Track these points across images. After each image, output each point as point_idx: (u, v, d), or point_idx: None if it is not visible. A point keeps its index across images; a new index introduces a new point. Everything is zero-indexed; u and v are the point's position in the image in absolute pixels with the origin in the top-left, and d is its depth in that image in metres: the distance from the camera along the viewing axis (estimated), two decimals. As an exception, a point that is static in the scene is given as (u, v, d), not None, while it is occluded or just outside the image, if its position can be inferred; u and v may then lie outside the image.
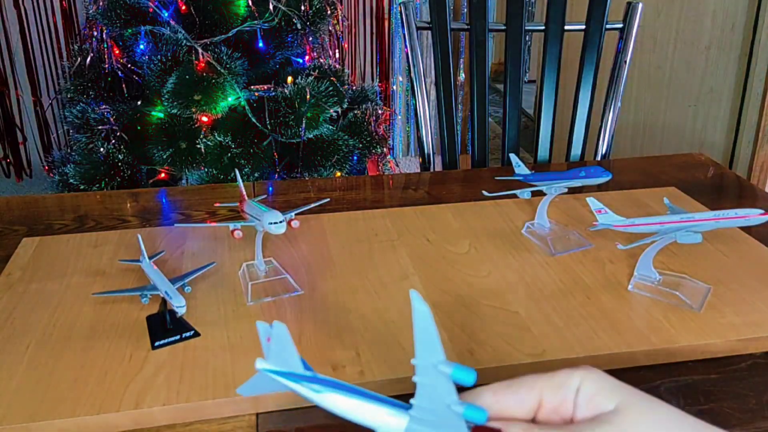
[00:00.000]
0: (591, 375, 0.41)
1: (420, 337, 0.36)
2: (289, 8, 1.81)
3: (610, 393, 0.40)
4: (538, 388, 0.41)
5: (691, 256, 0.82)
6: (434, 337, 0.36)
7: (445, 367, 0.36)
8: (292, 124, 1.74)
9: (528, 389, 0.41)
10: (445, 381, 0.37)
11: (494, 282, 0.78)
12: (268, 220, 0.73)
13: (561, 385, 0.41)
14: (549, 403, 0.41)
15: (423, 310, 0.36)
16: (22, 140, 2.85)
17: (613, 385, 0.40)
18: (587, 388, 0.40)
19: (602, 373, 0.41)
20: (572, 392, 0.40)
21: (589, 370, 0.41)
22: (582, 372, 0.41)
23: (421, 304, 0.36)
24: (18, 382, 0.61)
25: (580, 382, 0.40)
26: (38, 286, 0.77)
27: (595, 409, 0.40)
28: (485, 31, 1.30)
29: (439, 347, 0.36)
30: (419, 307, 0.36)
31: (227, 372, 0.62)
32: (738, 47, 2.10)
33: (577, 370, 0.41)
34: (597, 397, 0.40)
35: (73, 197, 1.06)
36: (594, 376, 0.41)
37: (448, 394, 0.37)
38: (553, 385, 0.41)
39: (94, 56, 1.83)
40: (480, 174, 1.17)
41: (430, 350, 0.36)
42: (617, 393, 0.40)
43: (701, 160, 1.20)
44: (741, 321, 0.70)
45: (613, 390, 0.40)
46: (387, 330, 0.68)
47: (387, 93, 3.03)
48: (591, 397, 0.40)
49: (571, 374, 0.41)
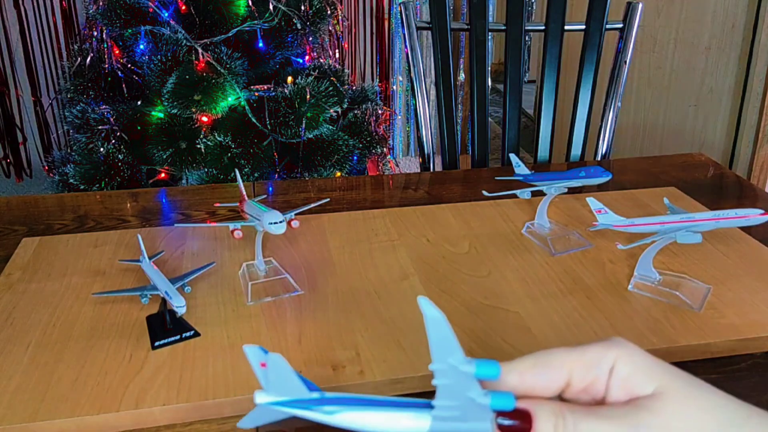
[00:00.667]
0: (626, 352, 0.37)
1: (435, 342, 0.35)
2: (289, 8, 1.81)
3: (648, 374, 0.36)
4: (568, 367, 0.37)
5: (691, 256, 0.82)
6: (451, 339, 0.35)
7: (468, 367, 0.35)
8: (292, 124, 1.74)
9: (557, 369, 0.38)
10: (467, 378, 0.35)
11: (494, 282, 0.78)
12: (268, 220, 0.73)
13: (592, 364, 0.37)
14: (578, 382, 0.38)
15: (435, 316, 0.35)
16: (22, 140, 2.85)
17: (650, 365, 0.37)
18: (622, 368, 0.37)
19: (638, 350, 0.37)
20: (605, 372, 0.37)
21: (624, 347, 0.37)
22: (617, 350, 0.37)
23: (433, 310, 0.35)
24: (18, 382, 0.61)
25: (613, 361, 0.37)
26: (38, 286, 0.77)
27: (631, 392, 0.36)
28: (485, 31, 1.30)
29: (458, 349, 0.35)
30: (431, 314, 0.35)
31: (227, 372, 0.62)
32: (738, 47, 2.10)
33: (611, 347, 0.37)
34: (633, 379, 0.36)
35: (73, 197, 1.06)
36: (629, 355, 0.37)
37: (472, 389, 0.35)
38: (584, 363, 0.37)
39: (94, 56, 1.83)
40: (480, 174, 1.17)
41: (449, 353, 0.35)
42: (656, 374, 0.36)
43: (701, 160, 1.20)
44: (741, 321, 0.70)
45: (651, 371, 0.37)
46: (387, 330, 0.68)
47: (387, 93, 3.03)
48: (626, 378, 0.36)
49: (605, 352, 0.37)
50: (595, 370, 0.37)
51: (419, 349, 0.65)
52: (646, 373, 0.37)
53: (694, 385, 0.37)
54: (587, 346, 0.38)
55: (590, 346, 0.38)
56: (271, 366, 0.36)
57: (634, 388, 0.36)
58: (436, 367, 0.35)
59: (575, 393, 0.38)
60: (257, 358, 0.37)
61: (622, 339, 0.38)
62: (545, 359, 0.38)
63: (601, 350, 0.37)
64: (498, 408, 0.35)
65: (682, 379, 0.37)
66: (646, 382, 0.36)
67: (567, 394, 0.38)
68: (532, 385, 0.38)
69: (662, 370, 0.37)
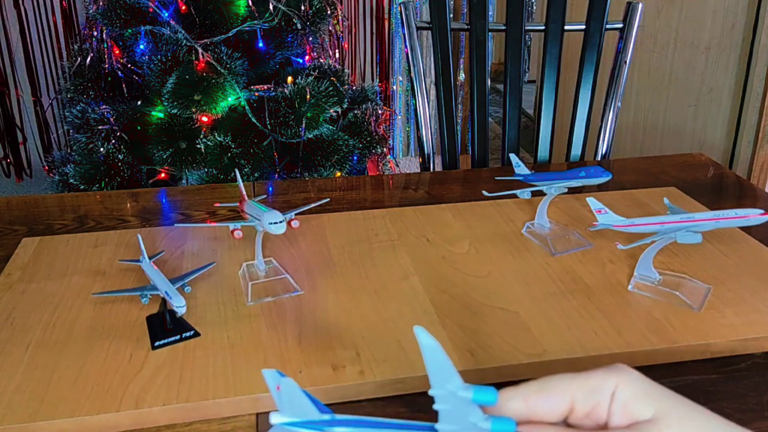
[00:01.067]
0: (626, 378, 0.38)
1: (433, 369, 0.37)
2: (289, 8, 1.81)
3: (647, 399, 0.38)
4: (571, 393, 0.39)
5: (691, 256, 0.82)
6: (448, 366, 0.36)
7: (465, 392, 0.36)
8: (292, 124, 1.74)
9: (560, 394, 0.39)
10: (466, 404, 0.37)
11: (494, 282, 0.78)
12: (268, 220, 0.73)
13: (595, 390, 0.38)
14: (582, 407, 0.39)
15: (431, 344, 0.36)
16: (22, 140, 2.85)
17: (649, 390, 0.38)
18: (622, 393, 0.38)
19: (638, 376, 0.39)
20: (606, 397, 0.38)
21: (625, 373, 0.39)
22: (617, 375, 0.39)
23: (428, 338, 0.36)
24: (18, 382, 0.61)
25: (615, 387, 0.38)
26: (38, 286, 0.77)
27: (631, 416, 0.37)
28: (485, 31, 1.30)
29: (455, 375, 0.37)
30: (426, 342, 0.36)
31: (227, 372, 0.62)
32: (738, 47, 2.10)
33: (612, 373, 0.39)
34: (633, 403, 0.38)
35: (73, 197, 1.06)
36: (630, 380, 0.38)
37: (473, 414, 0.37)
38: (587, 389, 0.39)
39: (94, 56, 1.83)
40: (480, 174, 1.17)
41: (446, 379, 0.37)
42: (654, 399, 0.38)
43: (701, 160, 1.20)
44: (741, 321, 0.70)
45: (650, 395, 0.38)
46: (387, 330, 0.68)
47: (387, 93, 3.03)
48: (626, 402, 0.38)
49: (606, 378, 0.38)
50: (597, 396, 0.38)
51: (419, 349, 0.65)
52: (645, 397, 0.38)
53: (693, 409, 0.38)
54: (590, 372, 0.39)
55: (592, 372, 0.39)
56: (285, 389, 0.38)
57: (634, 412, 0.37)
58: (435, 393, 0.37)
59: (579, 418, 0.39)
60: (274, 382, 0.39)
61: (624, 365, 0.39)
62: (548, 385, 0.39)
63: (603, 376, 0.39)
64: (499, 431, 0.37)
65: (680, 403, 0.38)
66: (646, 406, 0.37)
67: (571, 419, 0.40)
68: (535, 410, 0.39)
69: (661, 394, 0.38)
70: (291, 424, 0.39)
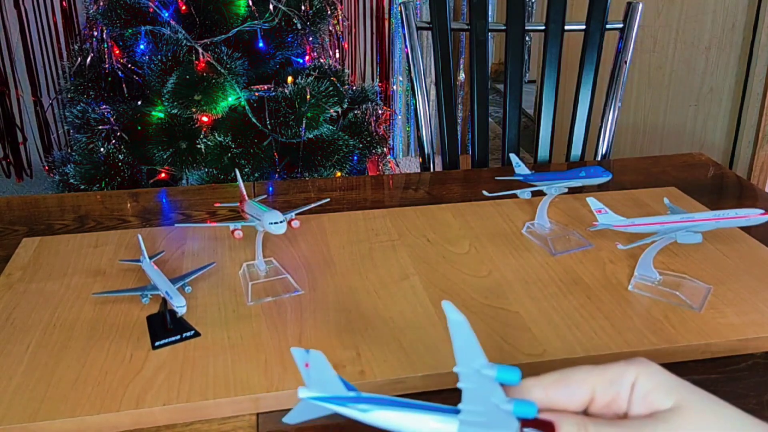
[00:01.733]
0: (647, 370, 0.39)
1: (459, 345, 0.37)
2: (289, 8, 1.81)
3: (667, 390, 0.38)
4: (590, 383, 0.39)
5: (691, 256, 0.82)
6: (474, 343, 0.37)
7: (489, 370, 0.37)
8: (292, 124, 1.74)
9: (579, 384, 0.40)
10: (490, 383, 0.37)
11: (494, 282, 0.78)
12: (268, 220, 0.73)
13: (614, 381, 0.39)
14: (601, 398, 0.39)
15: (459, 320, 0.37)
16: (23, 140, 2.85)
17: (670, 382, 0.39)
18: (642, 384, 0.39)
19: (658, 368, 0.39)
20: (626, 388, 0.39)
21: (644, 365, 0.39)
22: (637, 367, 0.39)
23: (456, 314, 0.37)
24: (18, 382, 0.61)
25: (635, 378, 0.39)
26: (38, 286, 0.77)
27: (651, 407, 0.38)
28: (485, 31, 1.30)
29: (480, 352, 0.37)
30: (454, 317, 0.37)
31: (227, 372, 0.62)
32: (738, 47, 2.10)
33: (632, 364, 0.39)
34: (653, 394, 0.38)
35: (74, 197, 1.06)
36: (650, 372, 0.39)
37: (495, 394, 0.37)
38: (606, 380, 0.39)
39: (95, 56, 1.83)
40: (480, 174, 1.17)
41: (472, 356, 0.37)
42: (675, 390, 0.38)
43: (701, 160, 1.20)
44: (741, 321, 0.70)
45: (671, 387, 0.38)
46: (387, 330, 0.68)
47: (387, 93, 3.03)
48: (646, 393, 0.38)
49: (626, 370, 0.39)
50: (616, 387, 0.39)
51: (419, 348, 0.65)
52: (665, 388, 0.38)
53: (712, 400, 0.39)
54: (610, 364, 0.40)
55: (613, 364, 0.40)
56: (313, 362, 0.39)
57: (654, 402, 0.38)
58: (460, 370, 0.38)
59: (599, 408, 0.40)
60: (302, 359, 0.40)
61: (644, 359, 0.40)
62: (568, 375, 0.40)
63: (623, 368, 0.40)
64: (520, 415, 0.37)
65: (699, 394, 0.39)
66: (665, 397, 0.38)
67: (591, 409, 0.40)
68: (555, 399, 0.39)
69: (681, 386, 0.39)
70: (318, 399, 0.39)
